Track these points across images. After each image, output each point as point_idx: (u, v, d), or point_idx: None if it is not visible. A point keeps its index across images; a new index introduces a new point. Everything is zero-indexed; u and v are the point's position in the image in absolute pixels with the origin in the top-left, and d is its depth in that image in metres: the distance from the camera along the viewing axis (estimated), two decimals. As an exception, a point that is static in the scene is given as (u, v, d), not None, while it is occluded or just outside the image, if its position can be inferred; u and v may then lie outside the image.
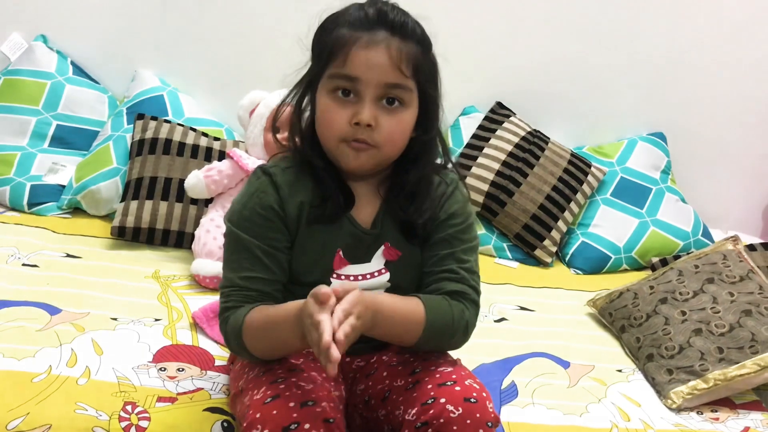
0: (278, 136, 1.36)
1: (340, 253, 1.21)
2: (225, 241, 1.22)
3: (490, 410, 1.10)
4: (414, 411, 1.11)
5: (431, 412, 1.09)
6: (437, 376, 1.15)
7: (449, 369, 1.17)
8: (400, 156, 1.21)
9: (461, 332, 1.21)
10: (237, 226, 1.18)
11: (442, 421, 1.07)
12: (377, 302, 1.10)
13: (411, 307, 1.16)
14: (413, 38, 1.14)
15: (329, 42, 1.13)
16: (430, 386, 1.13)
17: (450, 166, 1.28)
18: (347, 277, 1.22)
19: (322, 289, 1.02)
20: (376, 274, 1.23)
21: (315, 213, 1.19)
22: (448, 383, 1.13)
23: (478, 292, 1.25)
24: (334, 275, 1.21)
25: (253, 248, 1.17)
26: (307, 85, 1.19)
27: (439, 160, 1.27)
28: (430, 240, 1.24)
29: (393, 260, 1.23)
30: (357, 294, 1.05)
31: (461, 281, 1.22)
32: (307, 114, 1.20)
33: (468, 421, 1.07)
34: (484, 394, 1.12)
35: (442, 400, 1.09)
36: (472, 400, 1.09)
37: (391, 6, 1.14)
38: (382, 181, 1.23)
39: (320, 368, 1.16)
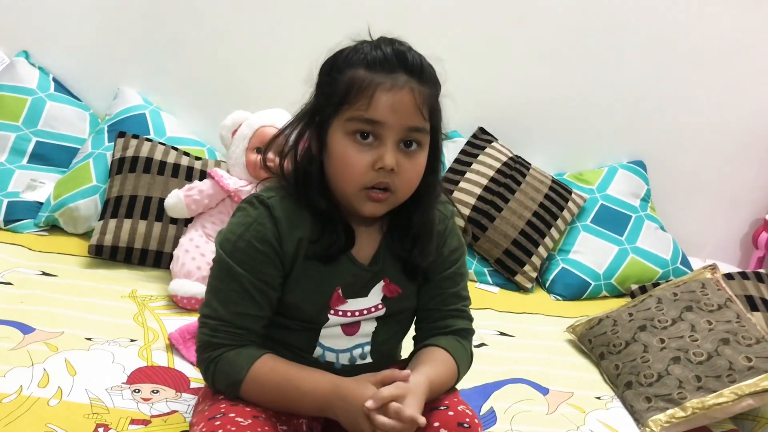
0: (268, 157, 1.31)
1: (339, 291, 1.18)
2: (213, 267, 1.17)
3: None
4: None
5: None
6: (430, 402, 1.14)
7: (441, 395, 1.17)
8: None
9: (470, 366, 1.29)
10: (230, 256, 1.14)
11: None
12: (429, 383, 1.12)
13: (451, 371, 1.20)
14: (430, 80, 1.13)
15: (344, 82, 1.09)
16: (424, 411, 1.12)
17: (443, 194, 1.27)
18: (344, 313, 1.19)
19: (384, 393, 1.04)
20: (373, 309, 1.22)
21: (314, 249, 1.15)
22: (441, 408, 1.13)
23: (472, 321, 1.31)
24: (332, 311, 1.19)
25: (244, 282, 1.13)
26: (310, 122, 1.15)
27: None
28: (432, 276, 1.24)
29: (392, 297, 1.22)
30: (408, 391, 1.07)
31: (465, 317, 1.28)
32: (299, 146, 1.16)
33: None
34: (476, 421, 1.12)
35: (436, 424, 1.09)
36: (465, 425, 1.09)
37: (407, 47, 1.12)
38: (382, 218, 1.21)
39: None
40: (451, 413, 1.11)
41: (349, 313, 1.20)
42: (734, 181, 2.66)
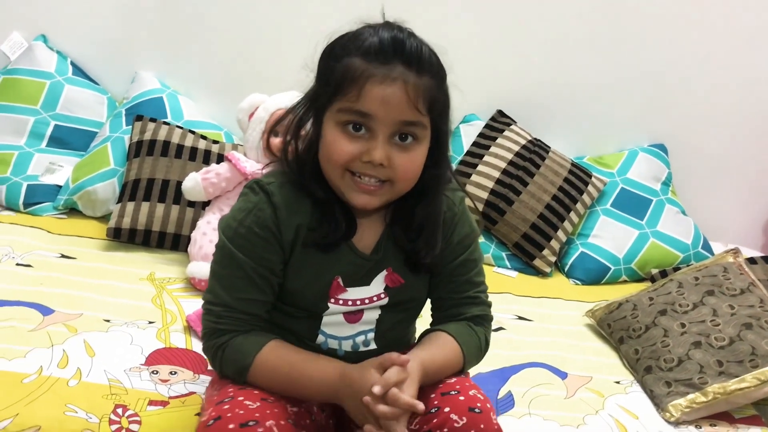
0: (273, 140, 1.31)
1: (339, 280, 1.16)
2: (216, 253, 1.16)
3: (494, 421, 1.08)
4: (417, 420, 1.09)
5: (435, 421, 1.07)
6: (440, 385, 1.14)
7: (453, 379, 1.16)
8: None
9: (485, 353, 1.27)
10: (231, 242, 1.12)
11: (446, 430, 1.05)
12: (423, 367, 1.11)
13: (451, 354, 1.18)
14: (429, 71, 1.07)
15: (339, 71, 1.05)
16: (433, 395, 1.11)
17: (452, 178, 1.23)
18: (345, 302, 1.18)
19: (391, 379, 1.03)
20: (375, 299, 1.19)
21: (313, 237, 1.13)
22: (452, 392, 1.11)
23: (490, 306, 1.28)
24: (332, 300, 1.17)
25: (246, 268, 1.12)
26: (310, 108, 1.13)
27: None
28: (441, 266, 1.21)
29: (395, 287, 1.20)
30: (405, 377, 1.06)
31: (480, 303, 1.25)
32: (305, 130, 1.14)
33: (472, 431, 1.05)
34: (489, 405, 1.10)
35: (446, 409, 1.07)
36: (477, 410, 1.07)
37: (407, 33, 1.07)
38: (386, 207, 1.18)
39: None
40: (462, 398, 1.09)
41: (350, 302, 1.18)
42: (757, 166, 2.61)
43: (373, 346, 1.22)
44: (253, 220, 1.12)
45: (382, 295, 1.19)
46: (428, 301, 1.28)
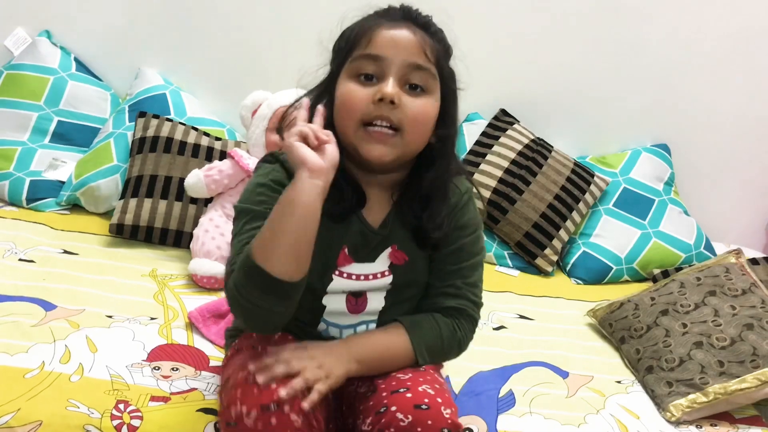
0: (270, 137, 1.33)
1: (346, 250, 1.17)
2: (235, 222, 1.15)
3: (446, 416, 1.05)
4: (369, 420, 1.08)
5: (383, 421, 1.06)
6: (393, 383, 1.13)
7: (407, 375, 1.14)
8: (416, 159, 1.18)
9: (455, 349, 1.24)
10: (249, 202, 1.14)
11: (392, 430, 1.04)
12: (355, 352, 1.12)
13: (394, 340, 1.18)
14: (436, 38, 1.14)
15: (353, 30, 1.14)
16: (384, 393, 1.10)
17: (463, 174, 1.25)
18: (350, 275, 1.19)
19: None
20: (379, 275, 1.20)
21: (324, 207, 1.12)
22: (401, 390, 1.09)
23: (478, 306, 1.25)
24: (337, 272, 1.18)
25: (263, 212, 1.09)
26: (326, 86, 1.16)
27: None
28: (440, 249, 1.21)
29: (399, 264, 1.21)
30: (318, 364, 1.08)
31: (461, 297, 1.22)
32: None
33: (419, 429, 1.03)
34: (439, 400, 1.07)
35: (393, 408, 1.06)
36: (423, 406, 1.05)
37: (416, 10, 1.16)
38: (394, 185, 1.20)
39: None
40: (409, 395, 1.07)
41: (354, 276, 1.18)
42: (760, 166, 2.61)
43: None
44: (271, 179, 1.14)
45: (387, 272, 1.20)
46: None
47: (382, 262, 1.20)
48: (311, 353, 1.10)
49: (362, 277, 1.19)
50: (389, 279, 1.21)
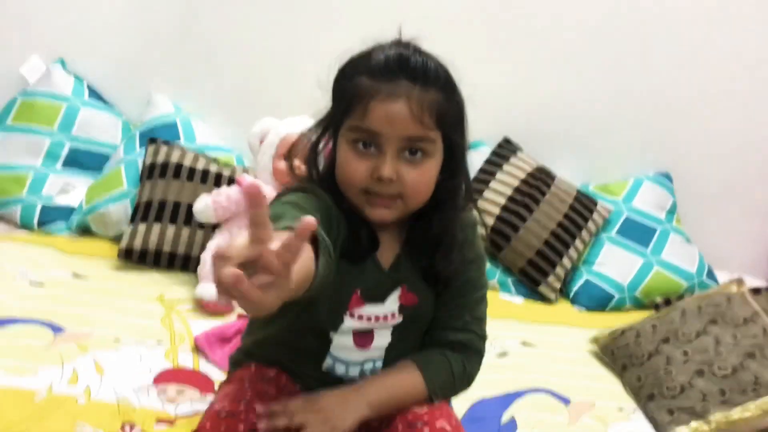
0: (278, 165, 1.30)
1: (359, 292, 1.16)
2: None
3: None
4: None
5: None
6: (409, 417, 1.12)
7: (423, 409, 1.14)
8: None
9: (465, 385, 1.24)
10: (277, 197, 1.08)
11: None
12: (369, 397, 1.12)
13: (408, 379, 1.17)
14: (436, 84, 1.07)
15: (349, 90, 1.08)
16: (400, 427, 1.10)
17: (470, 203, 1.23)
18: (360, 317, 1.17)
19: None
20: (389, 317, 1.18)
21: (345, 247, 1.10)
22: (418, 424, 1.09)
23: (484, 340, 1.25)
24: (348, 314, 1.16)
25: (296, 199, 1.05)
26: (327, 128, 1.14)
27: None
28: (450, 285, 1.20)
29: (408, 305, 1.19)
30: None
31: (468, 331, 1.22)
32: (322, 152, 1.16)
33: None
34: None
35: None
36: None
37: (413, 49, 1.08)
38: (402, 224, 1.18)
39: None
40: (427, 429, 1.07)
41: (365, 318, 1.17)
42: (762, 195, 2.62)
43: None
44: (297, 188, 1.10)
45: (396, 315, 1.19)
46: None
47: (392, 303, 1.18)
48: (321, 405, 1.09)
49: (372, 319, 1.18)
50: (399, 320, 1.20)
